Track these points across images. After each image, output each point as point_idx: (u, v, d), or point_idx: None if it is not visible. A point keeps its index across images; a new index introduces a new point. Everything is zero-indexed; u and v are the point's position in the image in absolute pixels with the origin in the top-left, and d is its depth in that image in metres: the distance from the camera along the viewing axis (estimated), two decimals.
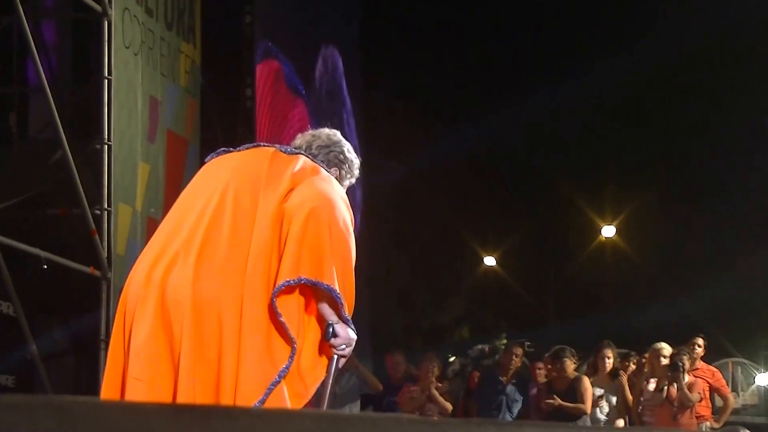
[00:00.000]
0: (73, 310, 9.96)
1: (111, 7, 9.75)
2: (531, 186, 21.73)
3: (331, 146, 4.57)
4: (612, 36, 19.83)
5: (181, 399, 3.96)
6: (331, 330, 4.08)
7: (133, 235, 10.04)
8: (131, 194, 10.06)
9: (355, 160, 4.66)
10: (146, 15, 10.43)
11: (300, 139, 4.61)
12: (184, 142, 11.11)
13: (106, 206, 9.64)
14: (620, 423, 10.92)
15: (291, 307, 4.06)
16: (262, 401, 3.95)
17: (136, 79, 10.14)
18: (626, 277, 21.07)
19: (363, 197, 16.46)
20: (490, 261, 22.59)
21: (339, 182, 4.47)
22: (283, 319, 4.00)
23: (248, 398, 3.96)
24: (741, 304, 18.12)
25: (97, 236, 9.49)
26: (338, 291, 4.03)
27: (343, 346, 4.12)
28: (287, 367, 4.02)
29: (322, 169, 4.33)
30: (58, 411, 1.56)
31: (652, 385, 10.85)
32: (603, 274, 21.83)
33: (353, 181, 4.68)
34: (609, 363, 11.13)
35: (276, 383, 3.99)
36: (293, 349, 4.03)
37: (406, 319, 21.38)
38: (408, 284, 20.82)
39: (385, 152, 18.18)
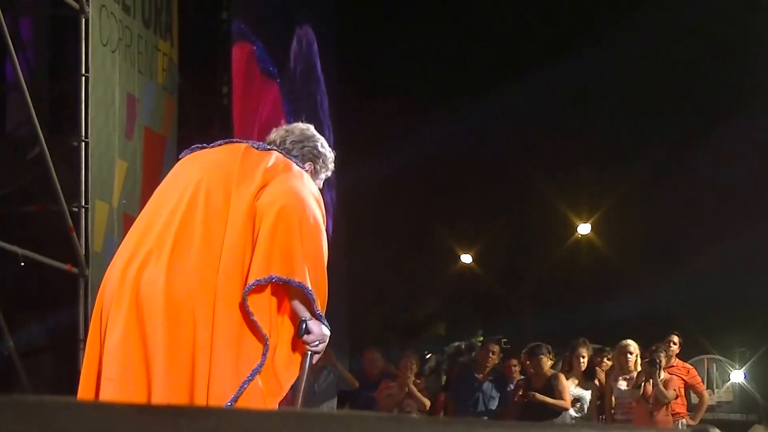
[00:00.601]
0: (51, 307, 9.95)
1: (88, 5, 9.75)
2: (507, 183, 21.74)
3: (304, 141, 4.58)
4: (587, 32, 19.87)
5: (156, 399, 3.96)
6: (304, 327, 4.09)
7: (110, 232, 10.04)
8: (108, 191, 10.06)
9: (329, 154, 4.67)
10: (123, 13, 10.43)
11: (274, 134, 4.60)
12: (161, 140, 11.12)
13: (83, 203, 9.65)
14: None
15: (263, 305, 4.07)
16: (235, 399, 3.96)
17: (113, 77, 10.14)
18: (602, 274, 21.11)
19: (337, 197, 16.46)
20: (466, 258, 22.62)
21: (314, 177, 4.52)
22: (255, 317, 4.01)
23: (221, 397, 3.97)
24: (716, 301, 18.19)
25: (74, 233, 9.49)
26: (310, 288, 4.04)
27: (317, 343, 4.13)
28: (261, 365, 4.03)
29: (295, 165, 4.34)
30: (25, 410, 1.56)
31: (622, 383, 10.93)
32: (579, 271, 21.86)
33: (329, 173, 4.69)
34: (584, 362, 11.20)
35: (249, 381, 4.00)
36: (266, 346, 4.04)
37: (382, 316, 21.40)
38: (385, 281, 20.83)
39: (362, 149, 18.20)
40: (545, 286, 21.59)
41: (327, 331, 4.17)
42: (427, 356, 14.58)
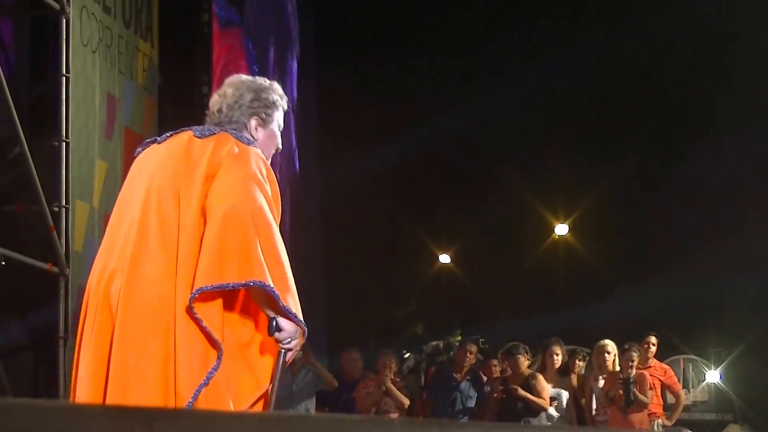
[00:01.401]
0: (31, 306, 9.97)
1: (69, 5, 9.78)
2: (485, 184, 21.81)
3: (238, 100, 4.41)
4: (566, 34, 19.96)
5: None
6: (273, 325, 4.03)
7: (91, 233, 10.06)
8: (88, 191, 10.08)
9: (272, 94, 4.49)
10: (104, 13, 10.45)
11: (212, 104, 4.47)
12: (141, 140, 11.12)
13: (63, 203, 9.67)
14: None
15: (215, 310, 4.01)
16: (191, 404, 3.92)
17: (93, 77, 10.17)
18: (579, 275, 21.19)
19: (315, 198, 16.47)
20: (444, 258, 22.69)
21: (264, 126, 4.41)
22: (204, 324, 3.96)
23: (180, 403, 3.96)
24: (692, 302, 18.29)
25: (55, 233, 9.51)
26: (271, 285, 3.93)
27: (288, 340, 4.07)
28: (215, 368, 3.98)
29: (238, 142, 4.20)
30: (3, 412, 1.57)
31: (601, 383, 11.01)
32: (556, 272, 21.95)
33: (283, 108, 4.54)
34: (558, 360, 11.26)
35: (204, 385, 3.96)
36: (220, 351, 3.99)
37: (361, 316, 21.44)
38: (363, 281, 20.87)
39: (340, 151, 18.26)
40: (523, 286, 21.64)
41: (296, 327, 4.07)
42: (406, 356, 14.65)
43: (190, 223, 4.05)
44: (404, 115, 20.06)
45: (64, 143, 9.70)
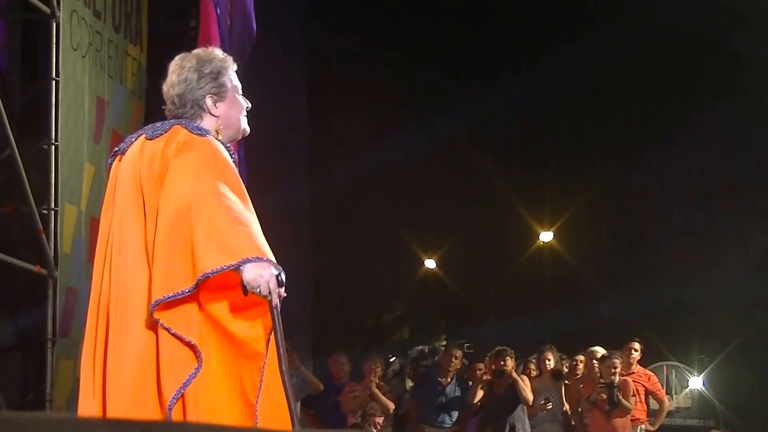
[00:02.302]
0: (20, 307, 10.01)
1: (59, 9, 9.82)
2: (471, 190, 21.88)
3: (186, 86, 4.29)
4: (551, 37, 20.04)
5: None
6: (243, 286, 3.89)
7: (79, 235, 10.10)
8: (76, 194, 10.11)
9: (213, 61, 4.34)
10: (94, 17, 10.49)
11: (165, 96, 4.38)
12: None
13: (52, 206, 9.72)
14: None
15: (183, 314, 3.95)
16: (171, 404, 3.91)
17: (83, 81, 10.20)
18: (563, 281, 21.29)
19: (303, 202, 16.51)
20: (430, 263, 22.76)
21: (222, 99, 4.30)
22: (174, 330, 3.91)
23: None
24: (675, 309, 18.40)
25: (43, 235, 9.56)
26: (219, 267, 3.83)
27: (255, 286, 3.88)
28: (198, 369, 3.94)
29: (186, 134, 4.10)
30: (4, 426, 1.59)
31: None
32: (541, 278, 22.04)
33: (232, 64, 4.39)
34: (549, 366, 11.39)
35: (184, 388, 3.92)
36: (198, 354, 3.94)
37: (347, 320, 21.50)
38: (349, 286, 20.93)
39: (328, 156, 18.33)
40: (508, 292, 21.73)
41: (269, 269, 3.86)
42: (392, 359, 14.71)
43: (160, 233, 4.01)
44: (392, 120, 20.15)
45: (53, 146, 9.74)
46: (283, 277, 3.93)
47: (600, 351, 11.24)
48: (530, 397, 11.02)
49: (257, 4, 13.00)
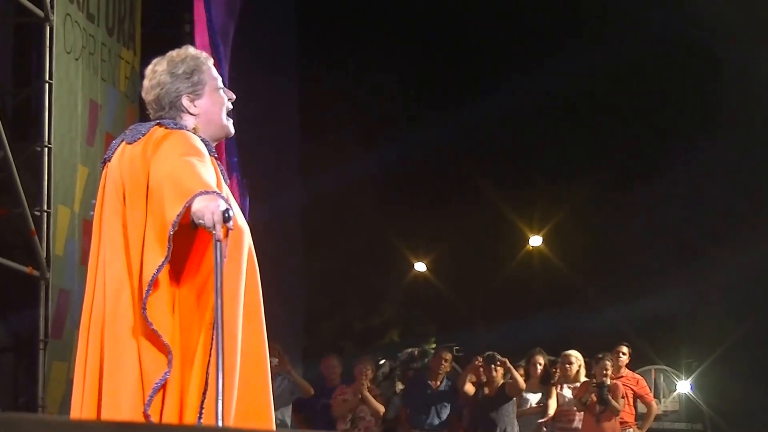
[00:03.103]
0: (12, 309, 10.06)
1: (53, 13, 9.89)
2: (461, 194, 21.95)
3: (160, 91, 4.23)
4: (541, 49, 20.13)
5: None
6: (192, 221, 3.79)
7: (71, 237, 10.16)
8: (70, 196, 10.18)
9: (185, 60, 4.28)
10: (88, 21, 10.56)
11: (145, 101, 4.34)
12: None
13: (45, 207, 9.78)
14: None
15: (164, 311, 3.95)
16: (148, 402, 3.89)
17: (76, 84, 10.27)
18: (552, 286, 21.37)
19: (294, 207, 16.54)
20: (420, 267, 22.82)
21: (201, 95, 4.25)
22: (154, 326, 3.89)
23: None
24: (664, 314, 18.50)
25: (36, 237, 9.61)
26: (181, 207, 3.76)
27: (197, 217, 3.75)
28: (163, 379, 3.90)
29: (164, 130, 4.08)
30: (4, 427, 1.62)
31: (567, 391, 11.19)
32: (530, 282, 22.10)
33: (206, 60, 4.33)
34: (540, 369, 11.46)
35: (151, 398, 3.89)
36: (170, 362, 3.90)
37: (337, 323, 21.55)
38: (340, 289, 20.98)
39: (319, 160, 18.39)
40: (497, 296, 21.79)
41: (216, 201, 3.74)
42: (381, 362, 14.75)
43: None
44: (384, 124, 20.22)
45: (46, 148, 9.81)
46: (231, 213, 3.76)
47: (574, 354, 11.33)
48: (524, 385, 11.10)
49: (251, 20, 13.09)
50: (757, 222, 17.93)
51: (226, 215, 3.73)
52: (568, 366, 11.22)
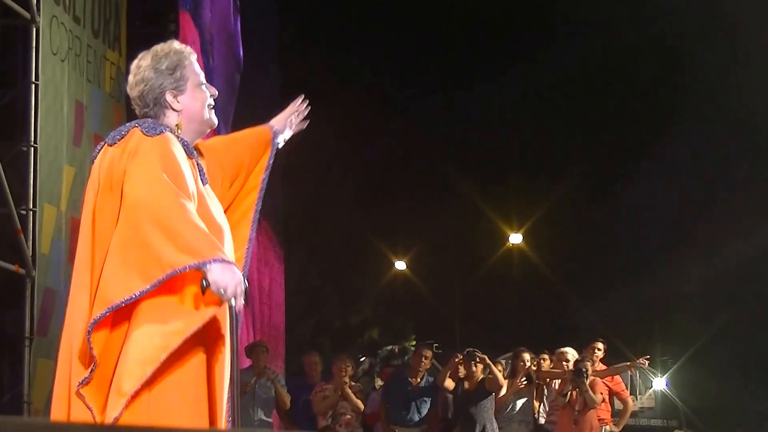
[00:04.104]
0: None
1: (39, 15, 9.97)
2: (441, 192, 22.08)
3: (145, 86, 4.22)
4: (519, 49, 20.27)
5: None
6: (203, 284, 3.80)
7: (58, 236, 10.22)
8: (56, 196, 10.24)
9: (169, 55, 4.26)
10: (74, 23, 10.64)
11: (130, 97, 4.33)
12: None
13: (31, 206, 9.87)
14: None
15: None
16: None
17: (62, 85, 10.34)
18: (531, 283, 21.52)
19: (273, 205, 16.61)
20: (400, 265, 22.92)
21: (183, 91, 4.24)
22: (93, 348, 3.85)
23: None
24: (640, 311, 18.68)
25: (22, 235, 9.70)
26: (190, 263, 3.76)
27: (221, 289, 3.80)
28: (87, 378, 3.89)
29: (141, 137, 4.02)
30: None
31: (556, 386, 11.34)
32: (509, 280, 22.26)
33: (189, 54, 4.32)
34: (526, 367, 11.58)
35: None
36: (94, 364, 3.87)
37: (318, 320, 21.63)
38: (320, 287, 21.06)
39: (298, 158, 18.47)
40: (477, 293, 21.93)
41: (229, 274, 3.80)
42: (362, 359, 14.85)
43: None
44: (363, 128, 20.32)
45: (32, 148, 9.89)
46: (244, 287, 3.85)
47: (569, 351, 11.45)
48: (503, 380, 11.23)
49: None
50: (731, 222, 18.11)
51: (246, 288, 3.86)
52: (565, 363, 11.34)
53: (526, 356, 11.61)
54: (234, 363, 3.99)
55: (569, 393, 10.90)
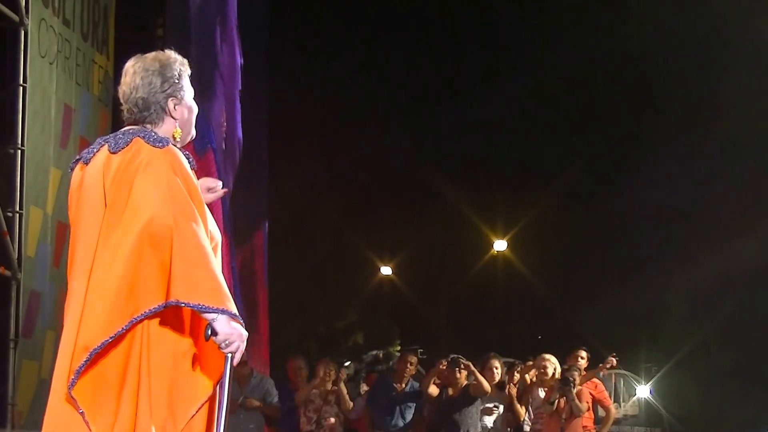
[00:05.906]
0: None
1: (28, 17, 10.00)
2: (427, 199, 22.15)
3: (150, 89, 4.16)
4: (507, 57, 20.36)
5: None
6: (208, 331, 3.80)
7: (44, 238, 10.25)
8: (42, 198, 10.27)
9: (174, 64, 4.21)
10: (63, 26, 10.67)
11: (124, 99, 4.20)
12: None
13: (17, 209, 9.89)
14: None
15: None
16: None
17: (50, 88, 10.37)
18: (516, 290, 21.59)
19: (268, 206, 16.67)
20: (386, 270, 22.96)
21: (181, 101, 4.19)
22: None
23: None
24: (624, 319, 18.74)
25: (8, 237, 9.72)
26: (185, 301, 3.78)
27: (226, 342, 3.82)
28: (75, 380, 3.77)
29: (149, 150, 3.95)
30: None
31: (541, 393, 11.36)
32: (494, 286, 22.33)
33: (187, 69, 4.27)
34: (497, 374, 11.59)
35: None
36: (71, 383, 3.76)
37: (303, 325, 21.66)
38: (306, 292, 21.08)
39: (284, 164, 18.52)
40: (461, 299, 22.00)
41: (235, 329, 3.82)
42: (346, 364, 14.88)
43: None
44: (349, 136, 20.38)
45: (19, 150, 9.91)
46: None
47: (550, 358, 11.48)
48: (488, 387, 11.24)
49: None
50: (716, 232, 18.19)
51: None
52: (543, 370, 11.37)
53: (495, 363, 11.61)
54: (227, 411, 3.97)
55: (556, 401, 10.92)
